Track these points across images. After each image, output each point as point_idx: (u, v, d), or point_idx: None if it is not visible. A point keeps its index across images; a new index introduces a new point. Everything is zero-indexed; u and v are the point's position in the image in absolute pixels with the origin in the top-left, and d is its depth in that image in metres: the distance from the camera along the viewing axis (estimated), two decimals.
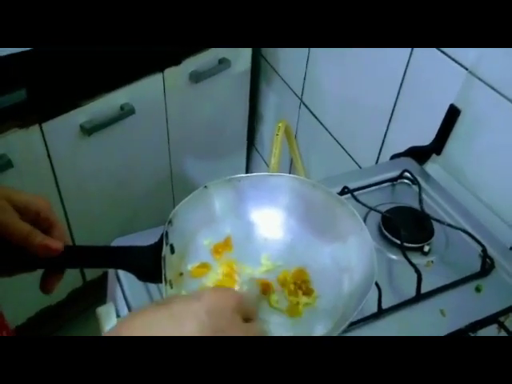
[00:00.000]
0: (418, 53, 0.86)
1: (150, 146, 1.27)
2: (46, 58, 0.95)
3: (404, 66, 0.89)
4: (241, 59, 1.34)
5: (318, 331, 0.48)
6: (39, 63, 0.94)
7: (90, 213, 1.24)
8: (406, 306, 0.64)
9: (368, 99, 1.03)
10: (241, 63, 1.34)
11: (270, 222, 0.56)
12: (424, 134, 0.87)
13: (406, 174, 0.84)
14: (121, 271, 0.65)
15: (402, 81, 0.91)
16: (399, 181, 0.84)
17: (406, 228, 0.72)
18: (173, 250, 0.49)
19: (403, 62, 0.89)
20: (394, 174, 0.84)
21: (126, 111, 1.11)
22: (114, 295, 0.68)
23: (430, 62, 0.83)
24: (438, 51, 0.81)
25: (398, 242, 0.70)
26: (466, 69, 0.77)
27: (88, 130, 1.06)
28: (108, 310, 0.63)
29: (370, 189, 0.82)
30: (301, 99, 1.30)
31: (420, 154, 0.89)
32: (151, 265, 0.47)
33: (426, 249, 0.72)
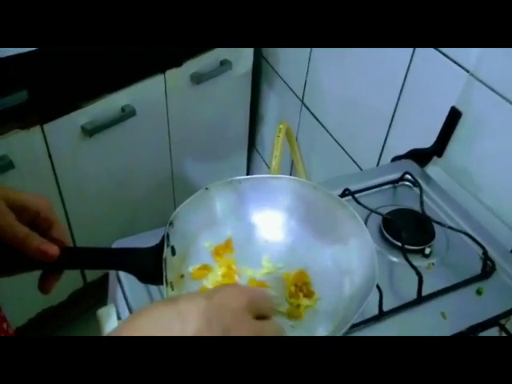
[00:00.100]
0: (419, 54, 0.86)
1: (151, 148, 1.27)
2: (48, 59, 0.95)
3: (405, 67, 0.89)
4: (242, 61, 1.34)
5: (319, 334, 0.48)
6: (40, 64, 0.95)
7: (91, 214, 1.24)
8: (407, 308, 0.64)
9: (369, 101, 1.03)
10: (242, 65, 1.35)
11: (270, 223, 0.56)
12: (425, 137, 0.87)
13: (407, 177, 0.84)
14: (122, 273, 0.65)
15: (404, 82, 0.91)
16: (400, 183, 0.84)
17: (407, 230, 0.72)
18: (174, 252, 0.49)
19: (404, 63, 0.89)
20: (395, 176, 0.84)
21: (127, 112, 1.11)
22: (115, 296, 0.67)
23: (431, 63, 0.83)
24: (439, 53, 0.81)
25: (399, 244, 0.70)
26: (468, 71, 0.77)
27: (89, 131, 1.06)
28: (109, 311, 0.63)
29: (370, 191, 0.82)
30: (302, 101, 1.30)
31: (421, 156, 0.89)
32: (152, 266, 0.47)
33: (427, 251, 0.72)
